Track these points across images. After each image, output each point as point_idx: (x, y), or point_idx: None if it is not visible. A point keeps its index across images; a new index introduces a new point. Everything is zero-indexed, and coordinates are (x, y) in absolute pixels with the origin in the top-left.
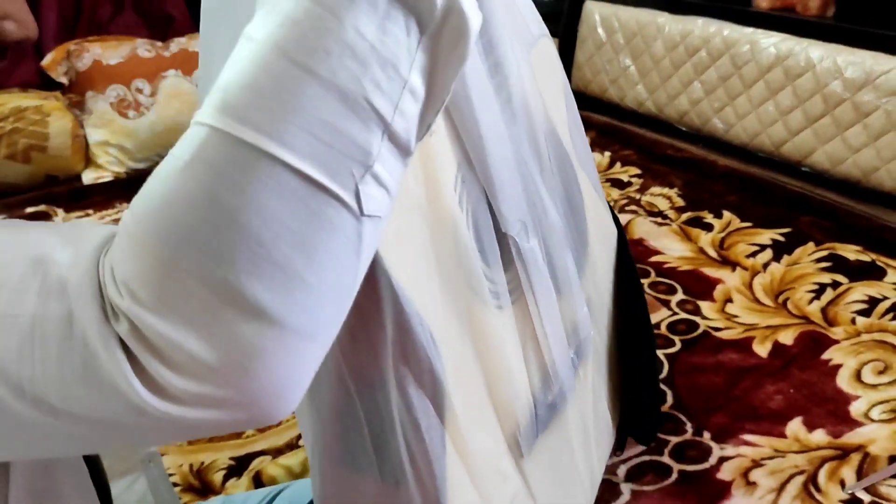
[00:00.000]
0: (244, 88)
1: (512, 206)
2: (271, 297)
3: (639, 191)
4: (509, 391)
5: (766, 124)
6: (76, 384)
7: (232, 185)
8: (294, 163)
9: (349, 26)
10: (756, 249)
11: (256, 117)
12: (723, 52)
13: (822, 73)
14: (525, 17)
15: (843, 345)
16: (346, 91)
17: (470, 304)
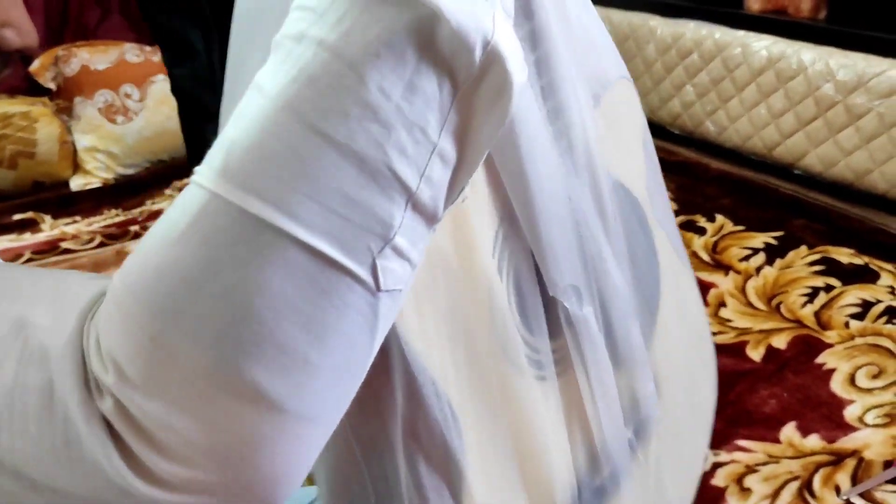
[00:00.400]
0: (250, 151)
1: (563, 269)
2: (271, 380)
3: None
4: (545, 472)
5: (759, 127)
6: (57, 460)
7: (231, 260)
8: (304, 237)
9: (372, 85)
10: (749, 253)
11: (262, 185)
12: (714, 54)
13: (814, 76)
14: (602, 57)
15: (837, 349)
16: (366, 158)
17: (504, 373)
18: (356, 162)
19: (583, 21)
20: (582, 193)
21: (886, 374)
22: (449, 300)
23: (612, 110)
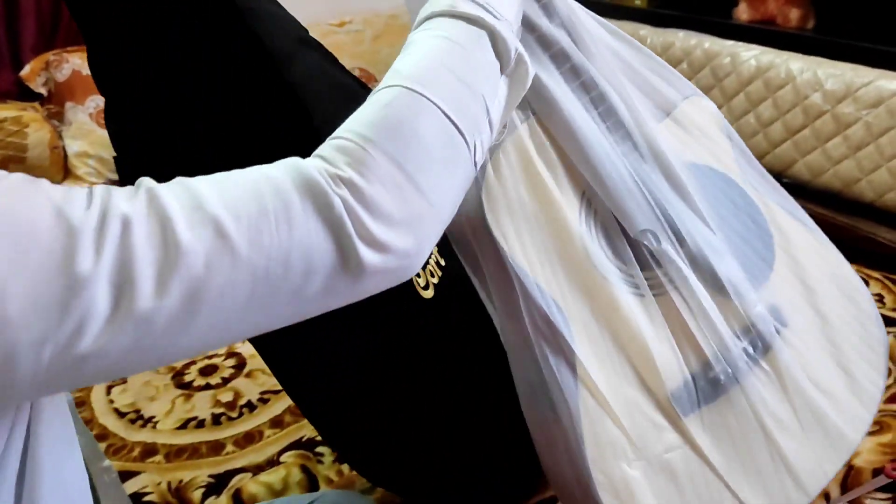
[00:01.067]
0: (420, 67)
1: (634, 218)
2: (431, 184)
3: None
4: (649, 361)
5: (748, 136)
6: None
7: (413, 114)
8: (445, 110)
9: (479, 54)
10: None
11: (426, 82)
12: (704, 64)
13: (803, 86)
14: (660, 85)
15: None
16: (475, 88)
17: (599, 284)
18: (469, 91)
19: (626, 57)
20: (648, 173)
21: None
22: (545, 240)
23: (687, 117)
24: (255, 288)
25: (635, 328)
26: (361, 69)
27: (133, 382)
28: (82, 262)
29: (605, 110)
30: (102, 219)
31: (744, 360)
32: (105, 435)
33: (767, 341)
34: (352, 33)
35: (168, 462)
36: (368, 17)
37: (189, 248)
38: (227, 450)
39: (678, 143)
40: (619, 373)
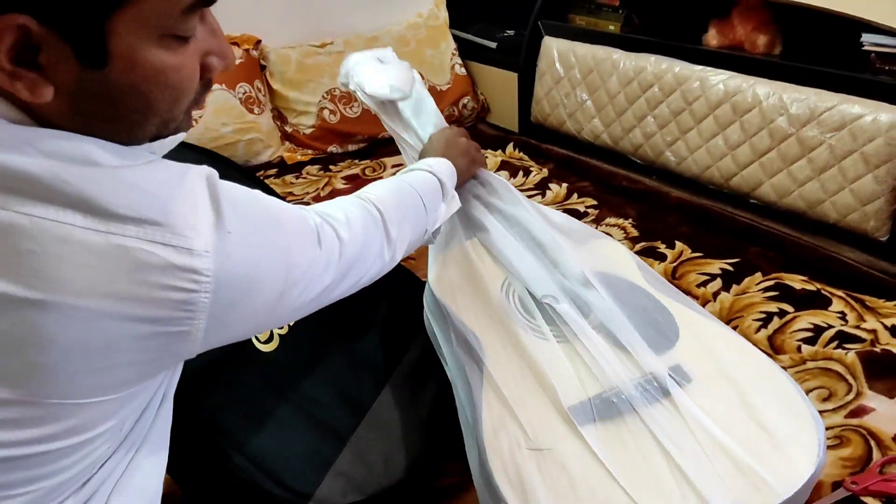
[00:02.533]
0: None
1: (537, 290)
2: (400, 235)
3: (595, 221)
4: (547, 381)
5: (716, 158)
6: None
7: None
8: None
9: (433, 193)
10: (706, 279)
11: (388, 212)
12: (674, 87)
13: (769, 109)
14: (574, 228)
15: (789, 372)
16: (427, 205)
17: (511, 331)
18: (424, 207)
19: (548, 214)
20: (559, 270)
21: (836, 398)
22: (472, 301)
23: (597, 248)
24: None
25: (537, 359)
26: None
27: None
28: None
29: (521, 234)
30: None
31: (639, 393)
32: None
33: (665, 387)
34: (333, 54)
35: None
36: (349, 39)
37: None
38: None
39: (591, 259)
40: (522, 385)
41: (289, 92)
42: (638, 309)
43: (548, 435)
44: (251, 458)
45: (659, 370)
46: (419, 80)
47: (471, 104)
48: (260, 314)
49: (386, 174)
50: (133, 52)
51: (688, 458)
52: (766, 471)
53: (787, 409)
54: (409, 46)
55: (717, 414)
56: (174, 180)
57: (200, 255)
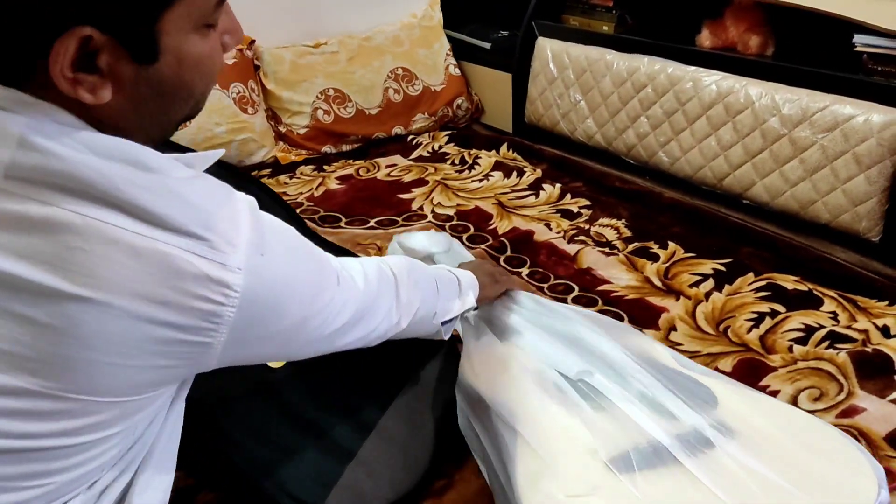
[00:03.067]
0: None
1: (572, 368)
2: (410, 300)
3: (588, 221)
4: (584, 436)
5: (709, 158)
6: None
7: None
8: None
9: (451, 290)
10: (699, 279)
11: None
12: (667, 88)
13: (761, 110)
14: (615, 326)
15: (780, 372)
16: (441, 288)
17: (548, 403)
18: (440, 299)
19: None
20: (604, 353)
21: (827, 397)
22: (508, 383)
23: (631, 337)
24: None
25: (572, 421)
26: (336, 90)
27: None
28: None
29: (552, 329)
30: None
31: (681, 445)
32: None
33: (708, 438)
34: (326, 54)
35: None
36: (343, 40)
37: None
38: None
39: (625, 344)
40: (557, 443)
41: (283, 92)
42: (675, 382)
43: (587, 485)
44: (258, 467)
45: (701, 423)
46: (458, 243)
47: (465, 105)
48: (278, 339)
49: (380, 174)
50: (179, 45)
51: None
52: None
53: (842, 458)
54: (402, 47)
55: (767, 461)
56: (221, 199)
57: (233, 271)
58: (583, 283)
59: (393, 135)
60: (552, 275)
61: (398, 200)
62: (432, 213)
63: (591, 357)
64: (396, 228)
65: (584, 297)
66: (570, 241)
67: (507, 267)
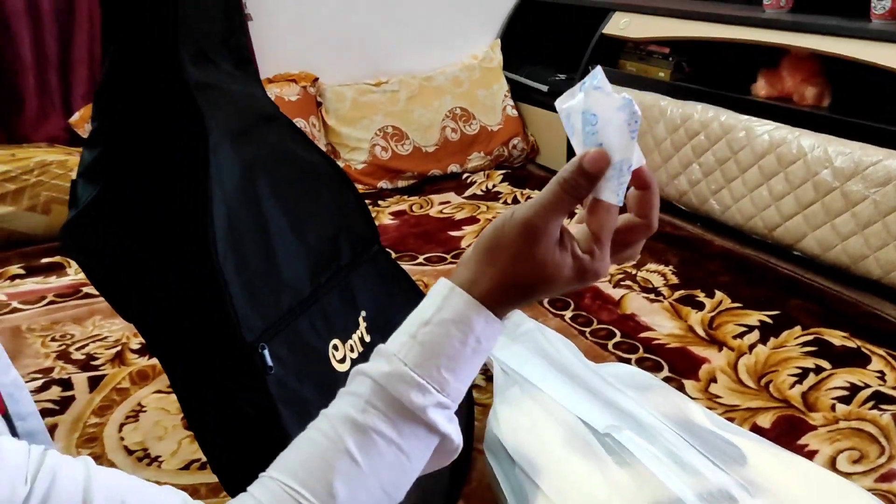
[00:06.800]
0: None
1: (596, 420)
2: None
3: (635, 266)
4: (604, 491)
5: (760, 208)
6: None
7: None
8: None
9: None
10: (744, 330)
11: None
12: (720, 136)
13: (813, 162)
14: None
15: (821, 431)
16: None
17: (572, 458)
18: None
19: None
20: (625, 409)
21: (868, 460)
22: (534, 438)
23: (661, 392)
24: None
25: (594, 478)
26: (394, 127)
27: (144, 421)
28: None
29: (581, 384)
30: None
31: (703, 500)
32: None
33: (732, 495)
34: (387, 93)
35: None
36: (404, 79)
37: None
38: (224, 494)
39: (653, 402)
40: (578, 498)
41: (342, 128)
42: (703, 440)
43: None
44: None
45: (727, 482)
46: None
47: (520, 145)
48: None
49: (433, 211)
50: None
51: None
52: None
53: None
54: (462, 87)
55: None
56: None
57: None
58: (625, 328)
59: (448, 172)
60: (595, 319)
61: (448, 237)
62: None
63: (620, 413)
64: (444, 266)
65: (625, 343)
66: (615, 286)
67: (551, 309)
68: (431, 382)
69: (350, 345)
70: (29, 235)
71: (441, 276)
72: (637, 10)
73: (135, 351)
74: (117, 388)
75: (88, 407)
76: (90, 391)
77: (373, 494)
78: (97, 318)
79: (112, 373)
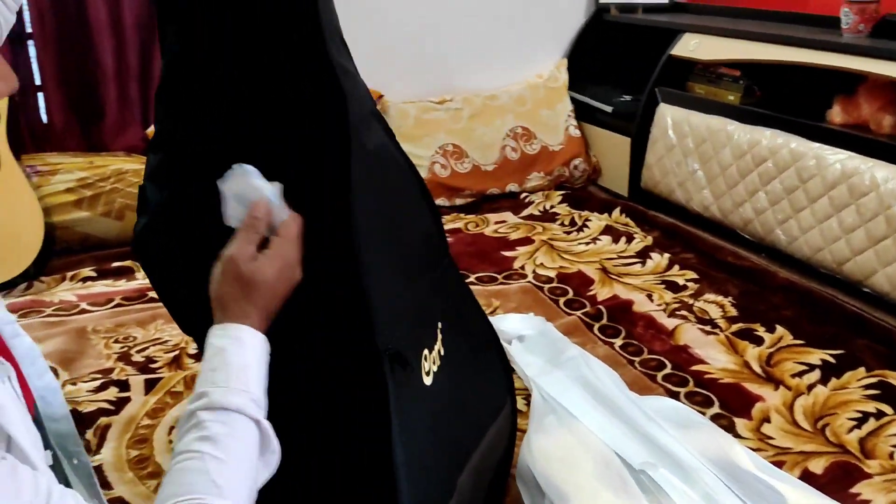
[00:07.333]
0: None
1: (632, 455)
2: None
3: (693, 296)
4: None
5: (829, 241)
6: None
7: None
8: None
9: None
10: (804, 369)
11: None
12: (789, 164)
13: (887, 195)
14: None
15: (876, 480)
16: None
17: (605, 495)
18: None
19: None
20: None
21: None
22: (567, 472)
23: (703, 430)
24: None
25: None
26: (455, 145)
27: None
28: None
29: (621, 417)
30: None
31: None
32: (158, 473)
33: None
34: (451, 111)
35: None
36: (468, 97)
37: None
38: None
39: (694, 440)
40: None
41: (404, 145)
42: (743, 484)
43: None
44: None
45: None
46: (552, 327)
47: (582, 166)
48: None
49: (488, 230)
50: None
51: None
52: None
53: None
54: (525, 106)
55: None
56: None
57: None
58: (677, 360)
59: (507, 192)
60: (646, 348)
61: (501, 257)
62: (533, 274)
63: (657, 449)
64: (495, 286)
65: (675, 375)
66: (670, 315)
67: (601, 336)
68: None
69: (433, 357)
70: (102, 239)
71: (491, 296)
72: (708, 31)
73: (192, 356)
74: (171, 392)
75: (143, 409)
76: (146, 393)
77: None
78: (160, 322)
79: (168, 376)
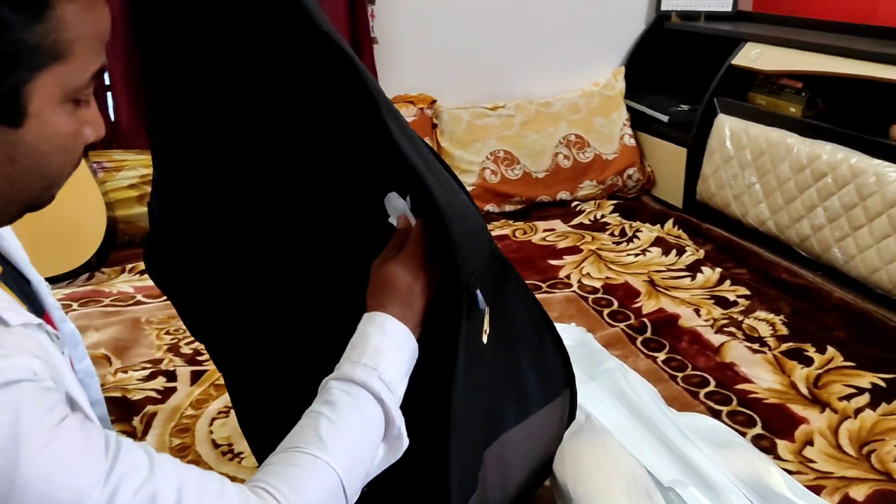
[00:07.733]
0: (339, 446)
1: (663, 473)
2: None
3: (743, 312)
4: None
5: (887, 261)
6: None
7: (318, 479)
8: (343, 479)
9: (376, 431)
10: (853, 392)
11: (338, 457)
12: (849, 180)
13: None
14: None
15: None
16: (366, 462)
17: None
18: (363, 465)
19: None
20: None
21: None
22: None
23: (739, 451)
24: None
25: None
26: (506, 151)
27: (233, 418)
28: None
29: (654, 432)
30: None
31: None
32: (197, 461)
33: None
34: (503, 117)
35: None
36: (521, 104)
37: None
38: None
39: (729, 461)
40: None
41: (455, 150)
42: (765, 489)
43: None
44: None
45: None
46: (592, 338)
47: (636, 175)
48: None
49: (535, 238)
50: (45, 113)
51: None
52: None
53: None
54: (579, 113)
55: None
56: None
57: None
58: (721, 378)
59: (557, 199)
60: (690, 364)
61: (547, 266)
62: (578, 284)
63: (689, 468)
64: (539, 294)
65: (718, 393)
66: (717, 331)
67: (643, 349)
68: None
69: (487, 319)
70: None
71: None
72: (770, 41)
73: None
74: (215, 384)
75: (187, 399)
76: (191, 384)
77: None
78: None
79: (212, 369)
